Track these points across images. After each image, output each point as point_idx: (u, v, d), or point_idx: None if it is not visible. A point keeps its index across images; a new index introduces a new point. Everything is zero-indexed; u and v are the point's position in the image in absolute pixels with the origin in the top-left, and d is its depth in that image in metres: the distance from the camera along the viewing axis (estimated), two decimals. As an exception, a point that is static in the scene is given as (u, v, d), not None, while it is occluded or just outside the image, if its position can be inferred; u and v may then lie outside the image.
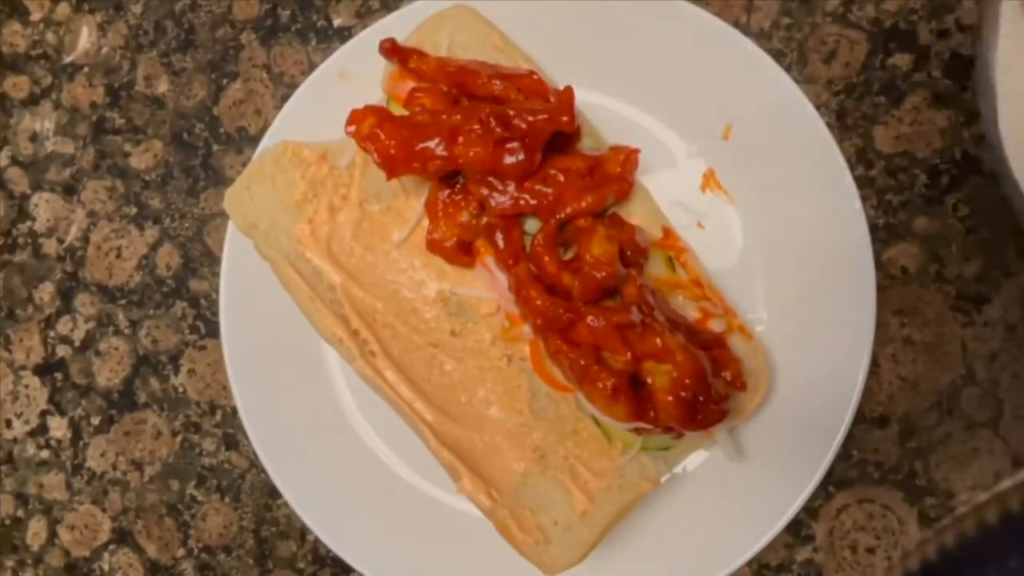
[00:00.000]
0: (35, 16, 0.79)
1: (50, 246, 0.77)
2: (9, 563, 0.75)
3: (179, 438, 0.73)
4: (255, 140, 0.71)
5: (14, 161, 0.78)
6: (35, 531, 0.75)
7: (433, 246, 0.62)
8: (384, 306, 0.63)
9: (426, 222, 0.62)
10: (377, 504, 0.65)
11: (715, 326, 0.59)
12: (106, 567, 0.74)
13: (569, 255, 0.59)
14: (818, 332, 0.59)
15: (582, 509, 0.58)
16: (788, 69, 0.63)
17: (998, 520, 0.32)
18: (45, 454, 0.75)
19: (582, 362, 0.56)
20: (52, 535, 0.75)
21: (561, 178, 0.59)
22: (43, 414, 0.76)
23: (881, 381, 0.62)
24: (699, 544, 0.59)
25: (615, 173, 0.60)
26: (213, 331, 0.73)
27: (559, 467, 0.59)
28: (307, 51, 0.73)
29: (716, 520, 0.59)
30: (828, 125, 0.59)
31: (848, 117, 0.64)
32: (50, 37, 0.78)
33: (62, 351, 0.76)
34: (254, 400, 0.66)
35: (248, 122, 0.74)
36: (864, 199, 0.59)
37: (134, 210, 0.75)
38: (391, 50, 0.63)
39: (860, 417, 0.61)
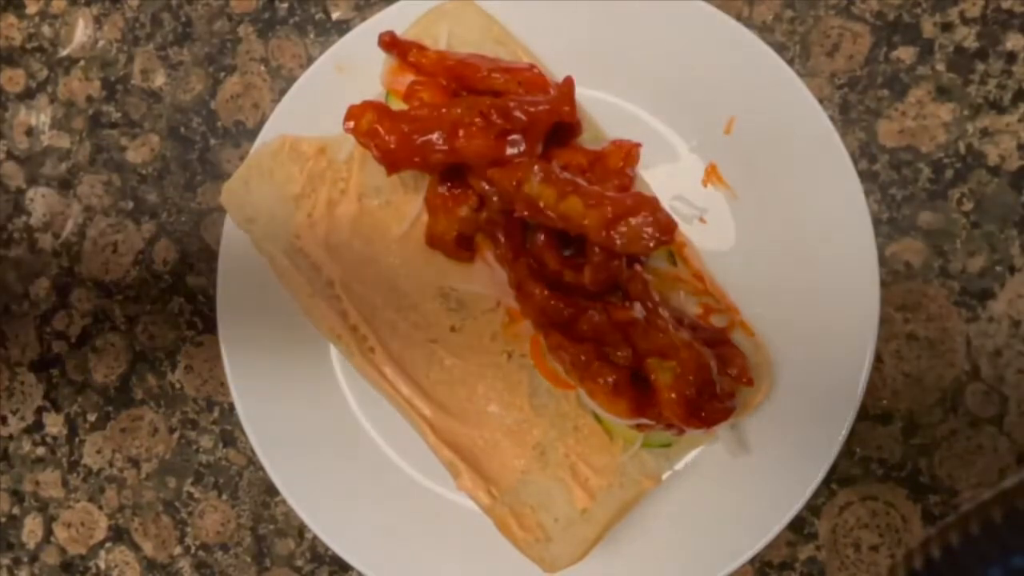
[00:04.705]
0: (31, 9, 0.78)
1: (46, 241, 0.76)
2: (5, 561, 0.75)
3: (176, 435, 0.72)
4: (253, 134, 0.71)
5: (10, 155, 0.77)
6: (31, 529, 0.75)
7: (433, 241, 0.61)
8: (383, 301, 0.62)
9: (425, 216, 0.61)
10: (376, 501, 0.64)
11: (717, 322, 0.59)
12: (102, 565, 0.73)
13: (570, 251, 0.59)
14: (821, 328, 0.58)
15: (583, 506, 0.58)
16: (791, 62, 0.63)
17: (1002, 518, 0.31)
18: (41, 451, 0.75)
19: (583, 358, 0.55)
20: (48, 533, 0.74)
21: (562, 172, 0.58)
22: (39, 411, 0.75)
23: (884, 377, 0.62)
24: (701, 542, 0.59)
25: (616, 167, 0.60)
26: (210, 327, 0.72)
27: (560, 464, 0.59)
28: (305, 44, 0.73)
29: (718, 517, 0.59)
30: (831, 119, 0.59)
31: (851, 111, 0.63)
32: (46, 30, 0.78)
33: (58, 347, 0.75)
34: (252, 396, 0.65)
35: (246, 116, 0.73)
36: (867, 193, 0.59)
37: (131, 205, 0.75)
38: (390, 43, 0.63)
39: (863, 414, 0.61)
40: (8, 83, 0.78)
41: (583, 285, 0.57)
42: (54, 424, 0.75)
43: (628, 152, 0.60)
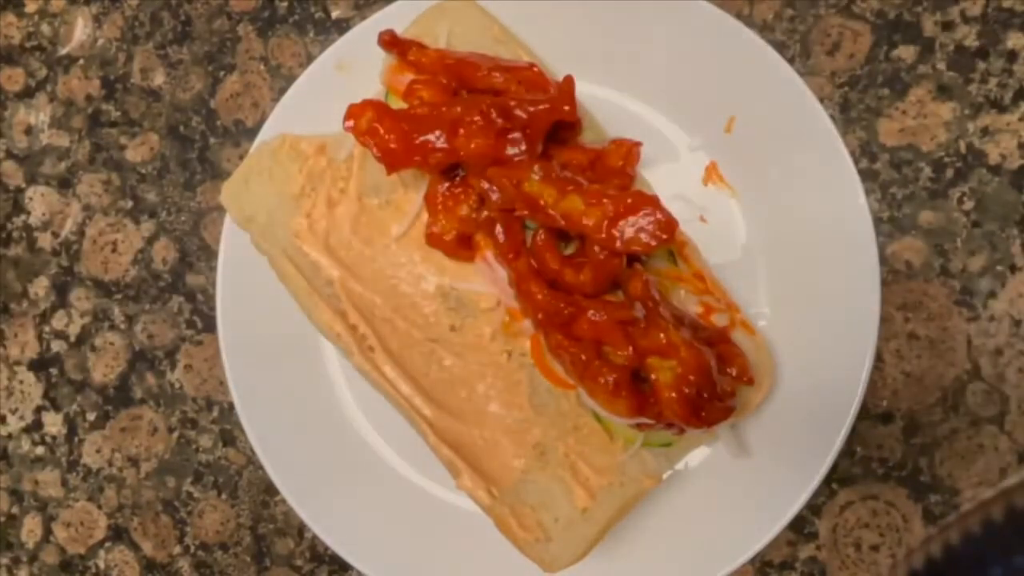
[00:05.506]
0: (30, 7, 0.78)
1: (45, 240, 0.76)
2: (4, 560, 0.74)
3: (175, 434, 0.72)
4: (252, 133, 0.70)
5: (9, 154, 0.77)
6: (30, 528, 0.74)
7: (432, 240, 0.61)
8: (383, 301, 0.62)
9: (425, 216, 0.61)
10: (375, 501, 0.64)
11: (717, 321, 0.58)
12: (102, 565, 0.73)
13: (570, 250, 0.59)
14: (821, 327, 0.58)
15: (583, 506, 0.57)
16: (791, 61, 0.62)
17: (1003, 517, 0.31)
18: (40, 450, 0.75)
19: (583, 357, 0.55)
20: (47, 532, 0.74)
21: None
22: (38, 410, 0.75)
23: (885, 377, 0.61)
24: (701, 541, 0.59)
25: (617, 166, 0.60)
26: (210, 326, 0.72)
27: (560, 463, 0.58)
28: (305, 43, 0.72)
29: (718, 517, 0.59)
30: (832, 118, 0.59)
31: (852, 110, 0.63)
32: (45, 29, 0.78)
33: (57, 346, 0.75)
34: (251, 396, 0.65)
35: (245, 115, 0.73)
36: (868, 192, 0.59)
37: (130, 204, 0.74)
38: (390, 42, 0.62)
39: (864, 413, 0.61)
40: (7, 82, 0.78)
41: (583, 285, 0.57)
42: (53, 423, 0.75)
43: (628, 151, 0.60)
